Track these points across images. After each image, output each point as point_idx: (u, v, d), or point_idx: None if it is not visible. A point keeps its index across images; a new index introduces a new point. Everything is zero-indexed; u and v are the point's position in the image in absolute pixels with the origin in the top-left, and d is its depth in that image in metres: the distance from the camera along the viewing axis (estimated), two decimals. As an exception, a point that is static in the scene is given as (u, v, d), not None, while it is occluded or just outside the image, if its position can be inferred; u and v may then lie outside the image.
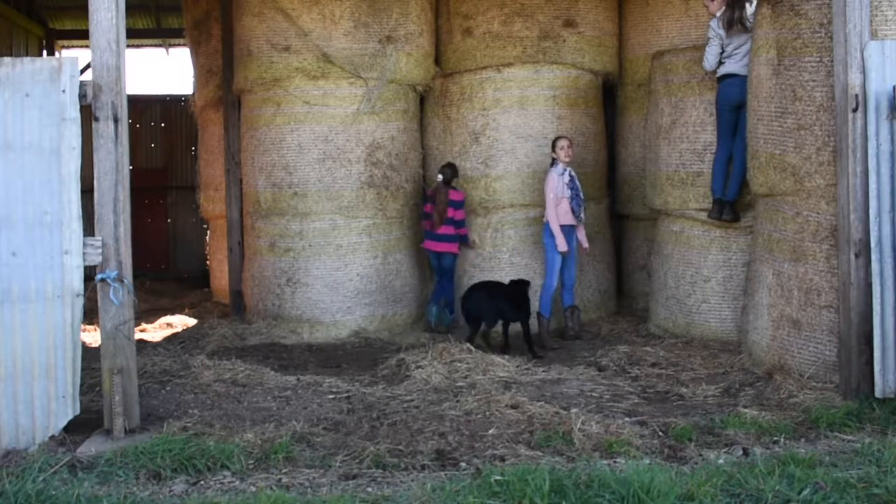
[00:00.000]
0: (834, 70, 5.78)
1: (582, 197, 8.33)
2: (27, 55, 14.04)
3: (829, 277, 6.04)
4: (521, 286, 7.99)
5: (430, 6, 9.29)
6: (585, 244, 8.47)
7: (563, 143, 8.27)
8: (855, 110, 5.63)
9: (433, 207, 8.70)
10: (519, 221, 8.94)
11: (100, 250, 5.23)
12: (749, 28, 7.32)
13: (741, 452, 4.91)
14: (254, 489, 4.48)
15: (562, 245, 8.08)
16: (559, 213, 8.18)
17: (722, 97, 7.54)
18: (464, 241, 8.80)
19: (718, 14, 7.59)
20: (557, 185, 8.20)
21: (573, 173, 8.35)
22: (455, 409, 5.81)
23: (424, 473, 4.67)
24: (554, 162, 8.29)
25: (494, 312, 7.85)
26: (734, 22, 7.44)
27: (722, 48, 7.53)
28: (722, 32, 7.50)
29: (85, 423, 5.38)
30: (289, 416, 5.77)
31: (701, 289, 7.83)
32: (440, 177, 8.71)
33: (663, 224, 8.33)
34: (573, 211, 8.23)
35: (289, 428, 5.34)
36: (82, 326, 5.33)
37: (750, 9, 7.44)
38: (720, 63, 7.55)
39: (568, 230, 8.25)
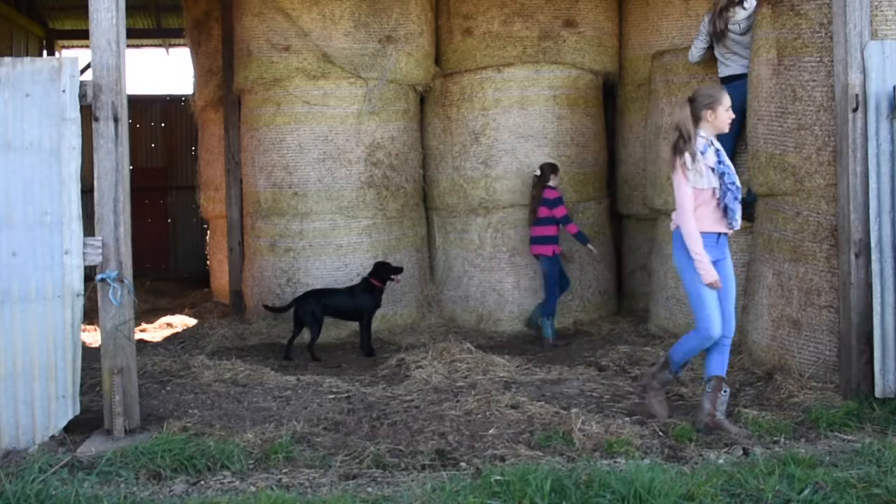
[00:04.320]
0: (834, 70, 5.78)
1: (738, 185, 5.30)
2: (27, 55, 14.05)
3: (829, 277, 6.04)
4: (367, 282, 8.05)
5: (430, 6, 9.30)
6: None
7: (726, 99, 5.26)
8: (855, 110, 5.63)
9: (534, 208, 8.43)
10: (519, 221, 8.94)
11: (100, 250, 5.23)
12: (740, 31, 7.26)
13: (741, 452, 4.91)
14: (254, 489, 4.48)
15: (711, 275, 5.13)
16: (703, 216, 5.21)
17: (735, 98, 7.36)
18: (580, 239, 8.32)
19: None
20: (699, 167, 5.16)
21: (720, 148, 5.35)
22: (455, 409, 5.81)
23: (424, 473, 4.67)
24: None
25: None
26: (719, 35, 7.33)
27: (711, 45, 7.44)
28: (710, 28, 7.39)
29: (85, 423, 5.38)
30: (289, 416, 5.77)
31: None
32: (537, 172, 8.48)
33: (663, 224, 8.33)
34: (726, 211, 5.25)
35: (289, 428, 5.34)
36: (82, 326, 5.33)
37: (743, 13, 7.34)
38: (724, 65, 7.48)
39: (714, 241, 5.28)
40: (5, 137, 5.11)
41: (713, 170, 5.15)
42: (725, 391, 5.32)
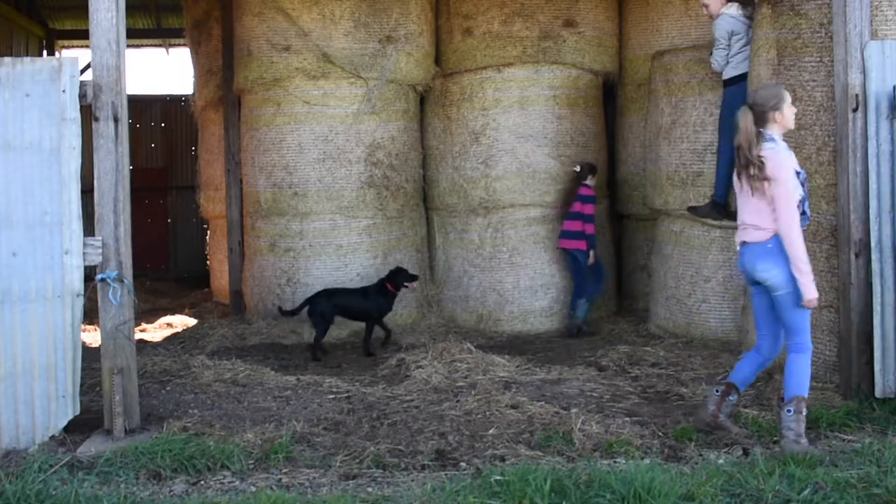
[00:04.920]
0: (834, 70, 5.78)
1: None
2: (27, 55, 14.04)
3: (829, 277, 6.04)
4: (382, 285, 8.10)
5: (430, 6, 9.29)
6: None
7: (787, 96, 5.07)
8: (855, 110, 5.64)
9: (563, 206, 8.65)
10: (519, 221, 8.93)
11: (100, 250, 5.23)
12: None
13: (741, 452, 4.92)
14: (254, 489, 4.48)
15: (814, 292, 4.87)
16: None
17: (741, 101, 7.07)
18: (590, 243, 8.47)
19: (731, 9, 7.30)
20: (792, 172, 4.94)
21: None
22: (455, 409, 5.82)
23: (424, 473, 4.67)
24: (763, 134, 4.98)
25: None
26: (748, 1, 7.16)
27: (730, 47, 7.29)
28: (741, 24, 7.21)
29: (85, 423, 5.38)
30: (289, 416, 5.77)
31: (701, 289, 7.83)
32: (577, 168, 8.65)
33: (663, 224, 8.33)
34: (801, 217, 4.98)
35: (289, 428, 5.34)
36: (82, 326, 5.33)
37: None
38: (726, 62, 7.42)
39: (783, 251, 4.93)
40: (5, 137, 5.11)
41: (798, 174, 4.95)
42: (733, 396, 5.24)
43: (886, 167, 5.56)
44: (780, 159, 4.88)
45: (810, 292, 4.83)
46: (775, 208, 4.86)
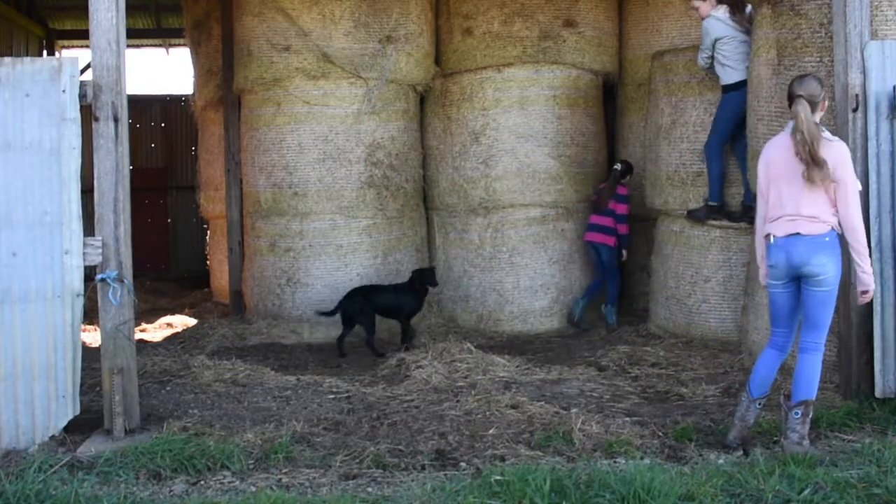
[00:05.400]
0: (834, 70, 5.78)
1: None
2: (27, 55, 14.04)
3: (829, 277, 6.03)
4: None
5: (430, 6, 9.29)
6: None
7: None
8: (855, 110, 5.64)
9: (600, 199, 8.75)
10: (519, 221, 8.94)
11: (100, 250, 5.23)
12: (746, 24, 7.26)
13: (741, 452, 4.91)
14: (254, 489, 4.48)
15: (870, 282, 4.94)
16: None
17: (740, 104, 7.24)
18: (623, 241, 8.70)
19: (719, 12, 7.43)
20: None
21: None
22: (455, 409, 5.81)
23: (424, 473, 4.67)
24: (818, 126, 4.93)
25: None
26: (739, 9, 7.29)
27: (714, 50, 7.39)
28: (729, 28, 7.31)
29: (85, 423, 5.38)
30: (289, 416, 5.77)
31: (701, 289, 7.83)
32: (617, 166, 8.79)
33: (663, 224, 8.33)
34: None
35: (289, 428, 5.34)
36: (82, 326, 5.33)
37: (748, 10, 7.37)
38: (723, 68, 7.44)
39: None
40: (5, 137, 5.11)
41: None
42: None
43: (886, 167, 5.56)
44: (844, 150, 4.87)
45: (871, 283, 4.89)
46: (841, 199, 4.80)
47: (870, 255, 5.48)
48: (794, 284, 4.96)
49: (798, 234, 4.85)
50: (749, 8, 7.40)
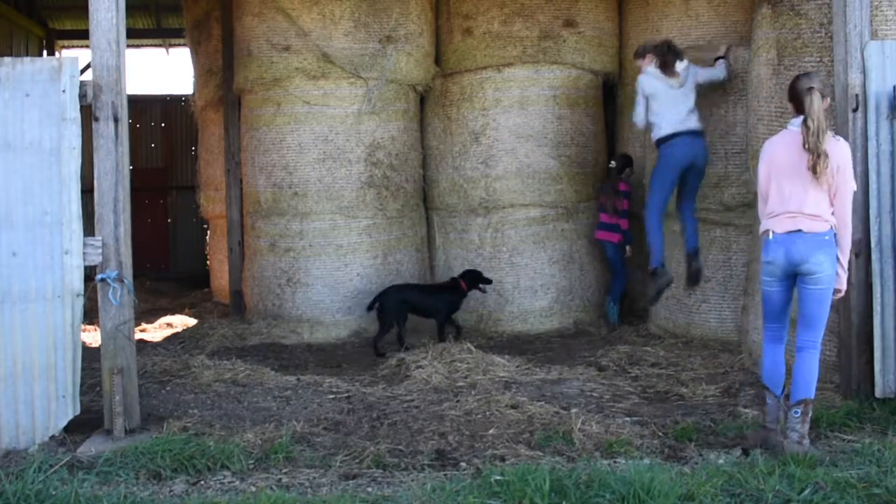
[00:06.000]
0: (834, 70, 5.78)
1: None
2: (27, 55, 14.05)
3: (829, 277, 6.03)
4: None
5: (430, 6, 9.29)
6: None
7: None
8: (855, 110, 5.64)
9: (605, 198, 8.78)
10: (519, 221, 8.94)
11: (100, 250, 5.23)
12: (680, 78, 7.32)
13: (741, 452, 4.91)
14: (254, 489, 4.48)
15: (844, 283, 5.02)
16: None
17: (671, 155, 7.33)
18: (626, 237, 8.71)
19: (650, 68, 7.46)
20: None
21: None
22: (455, 409, 5.81)
23: (424, 473, 4.67)
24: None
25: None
26: (668, 65, 7.37)
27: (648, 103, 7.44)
28: (659, 84, 7.37)
29: (85, 423, 5.38)
30: (289, 416, 5.77)
31: (701, 289, 7.83)
32: (612, 164, 8.80)
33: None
34: None
35: (289, 428, 5.34)
36: (82, 326, 5.33)
37: (680, 65, 7.40)
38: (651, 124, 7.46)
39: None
40: (5, 137, 5.11)
41: None
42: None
43: (886, 167, 5.56)
44: (847, 150, 4.91)
45: (845, 284, 4.97)
46: (838, 197, 4.84)
47: (869, 255, 5.50)
48: (788, 282, 4.97)
49: (799, 231, 4.85)
50: (685, 61, 7.43)
